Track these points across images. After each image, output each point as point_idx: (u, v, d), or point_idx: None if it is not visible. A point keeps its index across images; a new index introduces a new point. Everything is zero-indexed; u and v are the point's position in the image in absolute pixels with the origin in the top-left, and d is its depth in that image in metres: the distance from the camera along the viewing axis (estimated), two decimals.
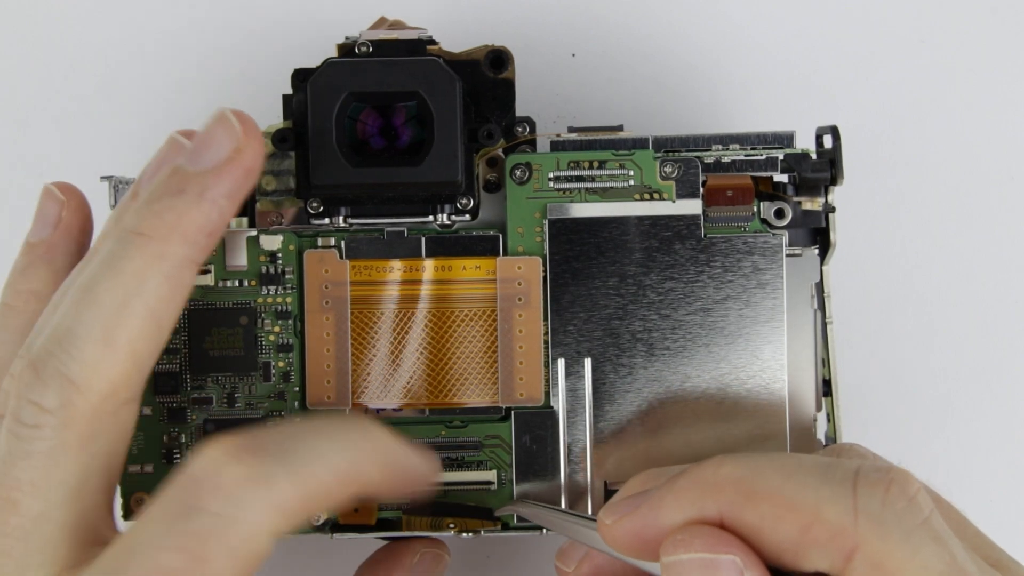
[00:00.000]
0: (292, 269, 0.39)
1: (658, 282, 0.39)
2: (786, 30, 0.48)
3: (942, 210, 0.48)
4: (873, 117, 0.48)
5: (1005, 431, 0.48)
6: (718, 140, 0.39)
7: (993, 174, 0.48)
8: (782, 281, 0.39)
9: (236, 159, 0.33)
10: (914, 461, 0.47)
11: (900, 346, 0.48)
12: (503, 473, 0.39)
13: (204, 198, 0.33)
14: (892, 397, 0.48)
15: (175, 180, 0.33)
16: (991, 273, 0.48)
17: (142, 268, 0.32)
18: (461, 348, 0.39)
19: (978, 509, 0.48)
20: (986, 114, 0.48)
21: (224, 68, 0.48)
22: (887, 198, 0.48)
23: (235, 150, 0.33)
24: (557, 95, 0.48)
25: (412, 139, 0.38)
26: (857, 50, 0.48)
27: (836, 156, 0.39)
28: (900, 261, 0.48)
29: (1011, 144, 0.48)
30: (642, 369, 0.39)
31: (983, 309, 0.48)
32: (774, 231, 0.39)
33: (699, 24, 0.48)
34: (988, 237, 0.48)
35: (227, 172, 0.33)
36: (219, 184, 0.33)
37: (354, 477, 0.32)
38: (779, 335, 0.39)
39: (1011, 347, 0.48)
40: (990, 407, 0.48)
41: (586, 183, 0.39)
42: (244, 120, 0.34)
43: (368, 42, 0.38)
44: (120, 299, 0.32)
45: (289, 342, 0.39)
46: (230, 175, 0.33)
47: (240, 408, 0.39)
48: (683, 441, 0.39)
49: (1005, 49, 0.48)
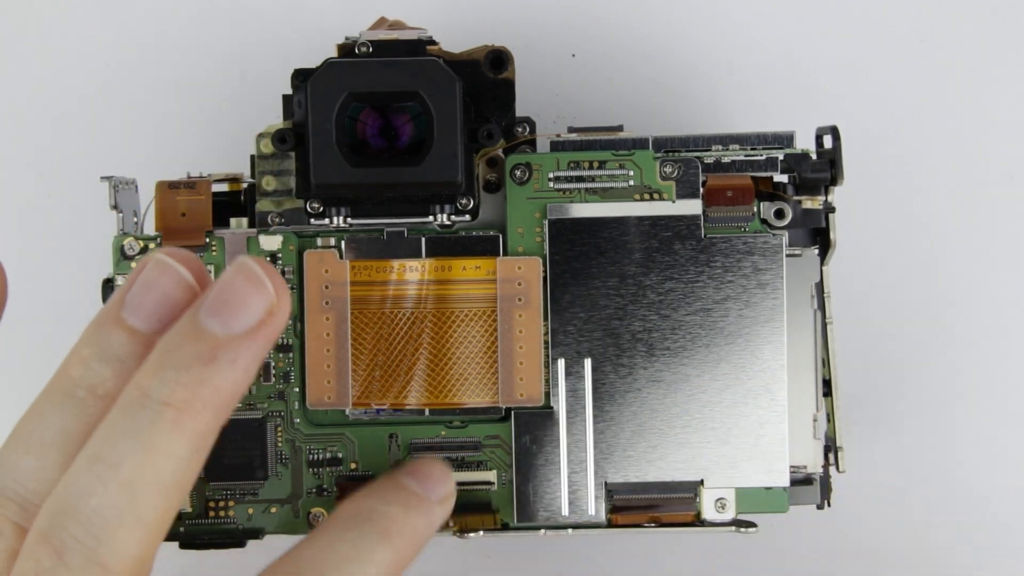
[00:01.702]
0: (292, 269, 0.39)
1: (658, 282, 0.39)
2: (786, 30, 0.48)
3: (942, 209, 0.48)
4: (873, 117, 0.48)
5: (1006, 430, 0.48)
6: (718, 140, 0.39)
7: (993, 174, 0.48)
8: (782, 281, 0.39)
9: (269, 323, 0.30)
10: (914, 461, 0.48)
11: (901, 346, 0.48)
12: (503, 473, 0.39)
13: (236, 367, 0.30)
14: (892, 397, 0.48)
15: (204, 346, 0.30)
16: (992, 273, 0.48)
17: (175, 444, 0.30)
18: (461, 348, 0.39)
19: (977, 509, 0.48)
20: (986, 114, 0.48)
21: (224, 68, 0.48)
22: (887, 198, 0.48)
23: (268, 312, 0.30)
24: (557, 95, 0.48)
25: (412, 139, 0.38)
26: (857, 50, 0.48)
27: (836, 156, 0.39)
28: (900, 260, 0.48)
29: (1011, 144, 0.48)
30: (642, 369, 0.39)
31: (984, 309, 0.48)
32: (774, 231, 0.39)
33: (699, 24, 0.48)
34: (988, 237, 0.48)
35: (261, 336, 0.30)
36: (252, 349, 0.30)
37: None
38: (779, 335, 0.39)
39: (1012, 347, 0.48)
40: (991, 407, 0.48)
41: (586, 183, 0.39)
42: (273, 276, 0.31)
43: (368, 42, 0.38)
44: (152, 478, 0.30)
45: (289, 342, 0.39)
46: (265, 339, 0.30)
47: (240, 408, 0.39)
48: (683, 441, 0.39)
49: (1005, 49, 0.48)
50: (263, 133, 0.39)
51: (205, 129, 0.48)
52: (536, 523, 0.39)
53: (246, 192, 0.40)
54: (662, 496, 0.39)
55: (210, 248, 0.39)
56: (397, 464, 0.39)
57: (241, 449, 0.39)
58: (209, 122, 0.48)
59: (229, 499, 0.39)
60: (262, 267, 0.30)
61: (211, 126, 0.48)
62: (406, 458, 0.39)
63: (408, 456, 0.39)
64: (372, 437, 0.39)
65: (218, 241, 0.39)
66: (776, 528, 0.46)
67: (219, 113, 0.48)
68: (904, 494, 0.48)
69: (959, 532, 0.48)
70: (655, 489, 0.39)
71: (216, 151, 0.47)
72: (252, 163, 0.39)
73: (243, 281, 0.30)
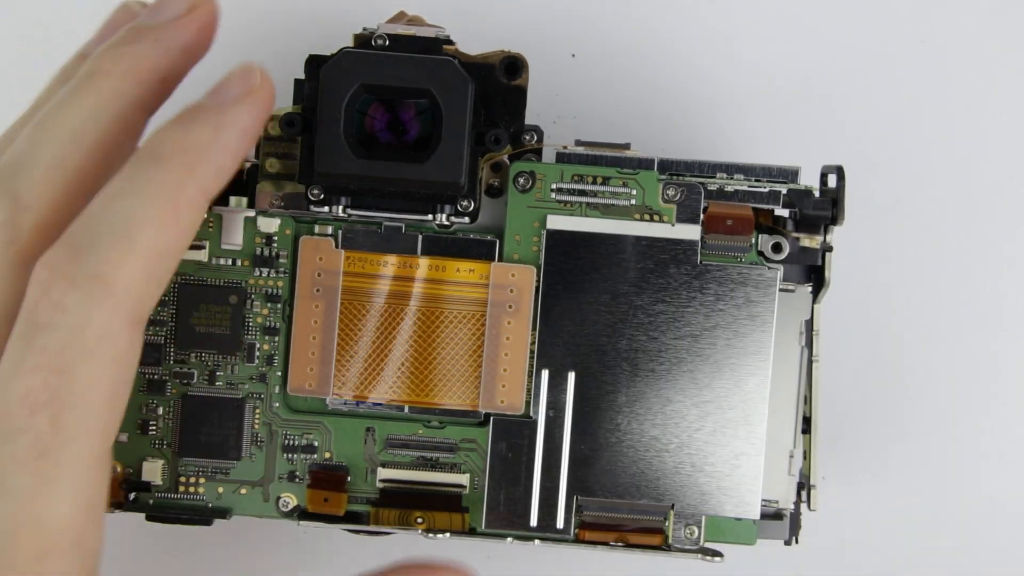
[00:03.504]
0: (287, 253, 0.39)
1: (649, 303, 0.39)
2: (786, 30, 0.48)
3: (939, 251, 0.48)
4: (883, 155, 0.48)
5: (986, 478, 0.48)
6: (723, 168, 0.39)
7: (997, 226, 0.48)
8: (773, 315, 0.39)
9: (192, 19, 0.35)
10: (897, 500, 0.48)
11: (883, 388, 0.48)
12: (476, 478, 0.39)
13: (158, 46, 0.34)
14: (873, 439, 0.48)
15: (132, 31, 0.35)
16: (982, 320, 0.48)
17: (85, 97, 0.34)
18: (447, 349, 0.39)
19: (964, 549, 0.48)
20: (998, 150, 0.48)
21: (239, 50, 0.48)
22: (882, 239, 0.48)
23: (190, 8, 0.35)
24: (557, 95, 0.48)
25: (419, 136, 0.38)
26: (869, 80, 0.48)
27: (839, 196, 0.39)
28: (890, 302, 0.48)
29: (1016, 180, 0.48)
30: (625, 388, 0.39)
31: (972, 355, 0.48)
32: (770, 264, 0.39)
33: (699, 25, 0.48)
34: (984, 285, 0.48)
35: (182, 26, 0.35)
36: (171, 32, 0.35)
37: (189, 210, 0.32)
38: (764, 368, 0.39)
39: (1001, 392, 0.48)
40: (974, 455, 0.48)
41: (588, 197, 0.39)
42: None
43: (385, 35, 0.38)
44: (61, 122, 0.33)
45: (276, 325, 0.39)
46: (185, 30, 0.35)
47: (220, 387, 0.39)
48: (658, 464, 0.39)
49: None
50: (271, 115, 0.39)
51: None
52: (503, 531, 0.39)
53: (248, 172, 0.40)
54: (631, 516, 0.39)
55: (207, 225, 0.39)
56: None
57: (217, 427, 0.39)
58: None
59: (200, 475, 0.39)
60: None
61: None
62: (380, 453, 0.39)
63: (383, 451, 0.39)
64: (349, 428, 0.39)
65: (215, 218, 0.39)
66: (742, 560, 0.46)
67: None
68: (874, 537, 0.48)
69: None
70: (625, 509, 0.39)
71: None
72: (257, 144, 0.39)
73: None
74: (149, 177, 0.32)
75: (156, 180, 0.32)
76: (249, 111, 0.34)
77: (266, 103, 0.34)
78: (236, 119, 0.34)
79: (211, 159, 0.33)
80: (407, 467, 0.39)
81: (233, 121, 0.33)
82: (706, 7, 0.48)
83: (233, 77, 0.34)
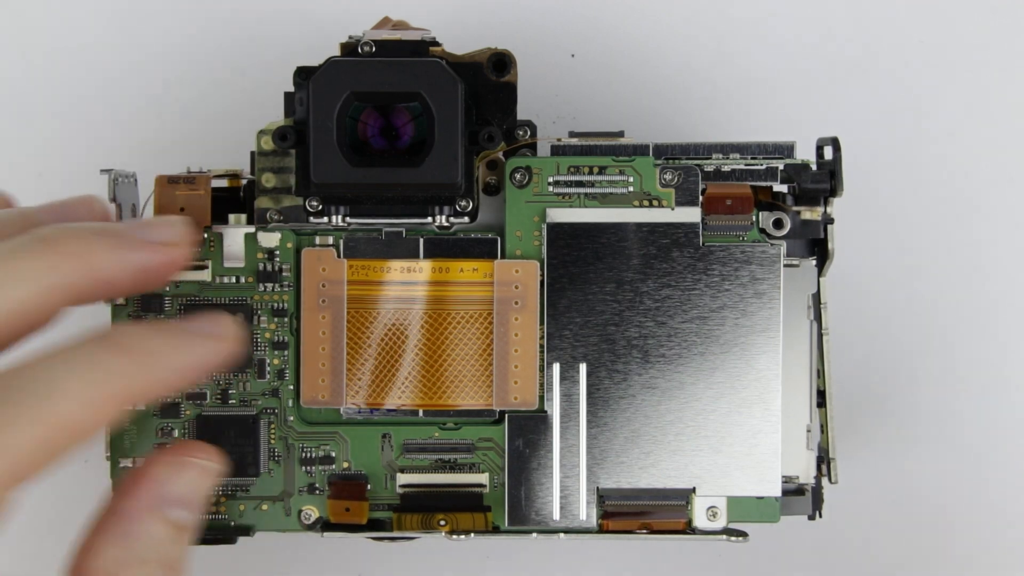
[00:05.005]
0: (289, 267, 0.39)
1: (655, 289, 0.39)
2: (786, 30, 0.48)
3: (941, 220, 0.48)
4: (876, 126, 0.48)
5: (1002, 443, 0.48)
6: (718, 149, 0.39)
7: (993, 190, 0.48)
8: (779, 291, 0.39)
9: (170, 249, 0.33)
10: (909, 472, 0.48)
11: (896, 357, 0.48)
12: (495, 476, 0.39)
13: (124, 255, 0.33)
14: (887, 409, 0.48)
15: (96, 227, 0.33)
16: (991, 284, 0.48)
17: (35, 273, 0.31)
18: (456, 350, 0.39)
19: (973, 518, 0.48)
20: (987, 117, 0.48)
21: (226, 65, 0.48)
22: (884, 209, 0.48)
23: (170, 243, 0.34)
24: (556, 95, 0.48)
25: (412, 140, 0.38)
26: (860, 55, 0.48)
27: (836, 167, 0.39)
28: (898, 271, 0.48)
29: (1012, 155, 0.48)
30: (637, 376, 0.39)
31: (982, 319, 0.48)
32: (772, 241, 0.39)
33: (699, 24, 0.48)
34: (989, 248, 0.48)
35: (156, 250, 0.33)
36: (146, 256, 0.33)
37: (110, 400, 0.31)
38: (775, 345, 0.39)
39: (1010, 359, 0.48)
40: (988, 419, 0.48)
41: (585, 188, 0.39)
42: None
43: (371, 42, 0.38)
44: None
45: (284, 339, 0.39)
46: (156, 254, 0.33)
47: (234, 404, 0.39)
48: (676, 449, 0.39)
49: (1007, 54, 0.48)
50: (264, 130, 0.39)
51: (205, 124, 0.48)
52: (527, 527, 0.39)
53: (245, 188, 0.40)
54: (654, 503, 0.39)
55: (208, 244, 0.39)
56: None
57: (234, 445, 0.39)
58: (210, 117, 0.48)
59: (221, 495, 0.39)
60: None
61: (212, 122, 0.48)
62: (398, 459, 0.39)
63: (400, 457, 0.39)
64: (365, 436, 0.39)
65: (216, 237, 0.39)
66: (767, 538, 0.46)
67: (220, 109, 0.48)
68: (896, 506, 0.48)
69: (952, 545, 0.48)
70: (647, 496, 0.39)
71: (216, 147, 0.47)
72: (252, 159, 0.39)
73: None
74: (98, 359, 0.30)
75: (103, 365, 0.30)
76: (210, 353, 0.32)
77: (225, 354, 0.33)
78: (201, 352, 0.32)
79: (163, 370, 0.31)
80: (426, 470, 0.39)
81: (199, 352, 0.32)
82: (706, 7, 0.48)
83: (206, 318, 0.33)
